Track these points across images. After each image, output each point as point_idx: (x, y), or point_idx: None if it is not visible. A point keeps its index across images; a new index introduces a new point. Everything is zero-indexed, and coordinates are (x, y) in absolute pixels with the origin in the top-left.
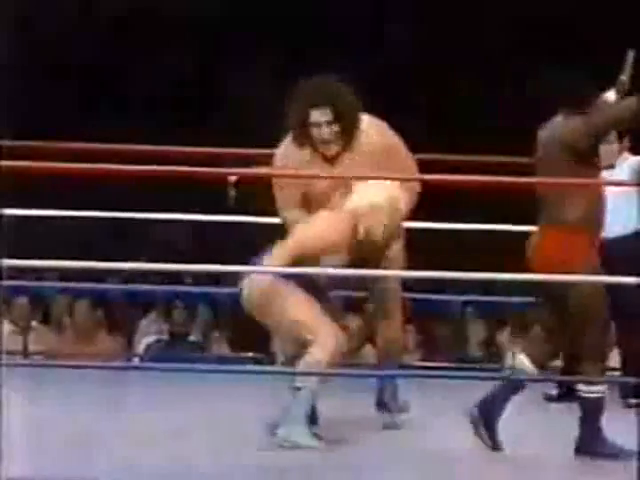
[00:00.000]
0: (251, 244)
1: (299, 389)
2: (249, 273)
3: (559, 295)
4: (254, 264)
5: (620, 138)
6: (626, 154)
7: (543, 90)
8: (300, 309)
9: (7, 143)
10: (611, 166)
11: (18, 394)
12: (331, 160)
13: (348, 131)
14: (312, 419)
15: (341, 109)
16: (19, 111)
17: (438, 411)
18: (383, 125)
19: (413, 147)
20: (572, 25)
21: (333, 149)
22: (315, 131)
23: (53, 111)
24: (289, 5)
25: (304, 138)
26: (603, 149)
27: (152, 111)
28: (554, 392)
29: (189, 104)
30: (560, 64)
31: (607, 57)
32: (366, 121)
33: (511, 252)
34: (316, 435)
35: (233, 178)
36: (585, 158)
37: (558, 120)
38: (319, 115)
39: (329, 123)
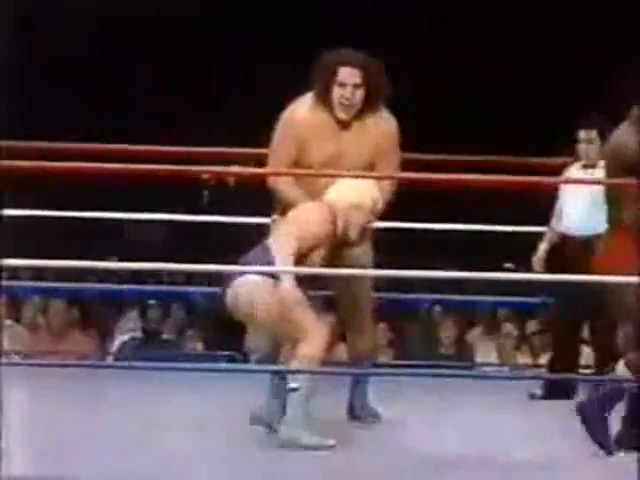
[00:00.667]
0: (227, 244)
1: (295, 389)
2: (235, 274)
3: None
4: (245, 263)
5: (602, 138)
6: None
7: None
8: (289, 307)
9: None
10: (592, 165)
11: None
12: (345, 125)
13: (370, 100)
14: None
15: (370, 76)
16: (19, 111)
17: (411, 409)
18: (396, 124)
19: (412, 147)
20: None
21: (349, 113)
22: (338, 91)
23: (53, 111)
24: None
25: (326, 97)
26: (583, 148)
27: (152, 111)
28: (538, 391)
29: (189, 104)
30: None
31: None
32: (385, 113)
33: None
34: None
35: (206, 177)
36: (631, 172)
37: (619, 128)
38: (348, 74)
39: (355, 86)
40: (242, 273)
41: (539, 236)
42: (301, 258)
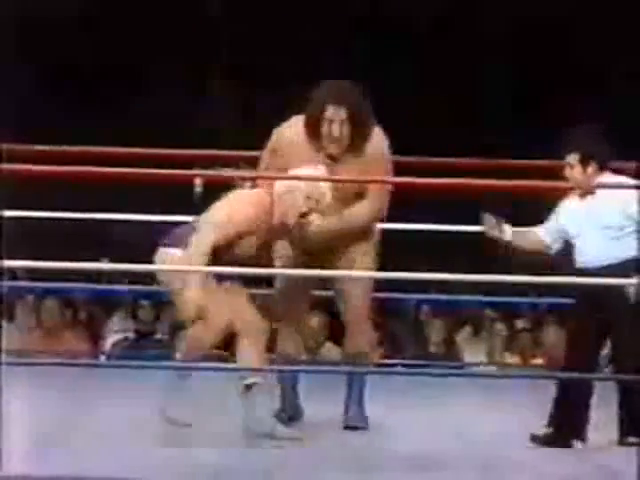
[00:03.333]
0: None
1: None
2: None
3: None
4: (173, 236)
5: (584, 163)
6: (609, 175)
7: None
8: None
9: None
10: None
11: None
12: (335, 159)
13: (357, 135)
14: (294, 416)
15: (356, 112)
16: (18, 112)
17: (401, 409)
18: (384, 138)
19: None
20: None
21: (340, 148)
22: (326, 127)
23: (52, 112)
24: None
25: (315, 132)
26: (567, 173)
27: (153, 112)
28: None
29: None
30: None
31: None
32: (375, 131)
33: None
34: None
35: (198, 182)
36: None
37: None
38: (335, 111)
39: (342, 122)
40: (165, 244)
41: None
42: (230, 243)
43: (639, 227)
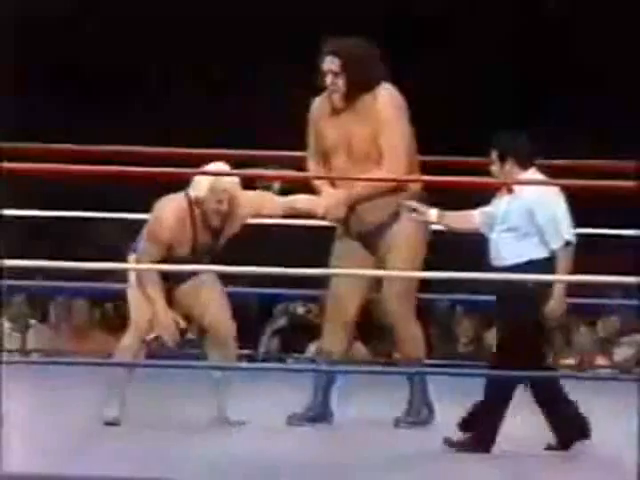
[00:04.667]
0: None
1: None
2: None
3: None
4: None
5: (501, 159)
6: (534, 173)
7: None
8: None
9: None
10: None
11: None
12: (340, 111)
13: (351, 87)
14: (319, 416)
15: (348, 63)
16: (17, 112)
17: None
18: (397, 98)
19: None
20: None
21: (336, 100)
22: (325, 79)
23: (52, 112)
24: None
25: (324, 86)
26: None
27: (153, 112)
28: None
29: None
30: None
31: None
32: (383, 89)
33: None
34: None
35: None
36: None
37: None
38: (327, 62)
39: (334, 74)
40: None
41: None
42: (165, 252)
43: (540, 231)
